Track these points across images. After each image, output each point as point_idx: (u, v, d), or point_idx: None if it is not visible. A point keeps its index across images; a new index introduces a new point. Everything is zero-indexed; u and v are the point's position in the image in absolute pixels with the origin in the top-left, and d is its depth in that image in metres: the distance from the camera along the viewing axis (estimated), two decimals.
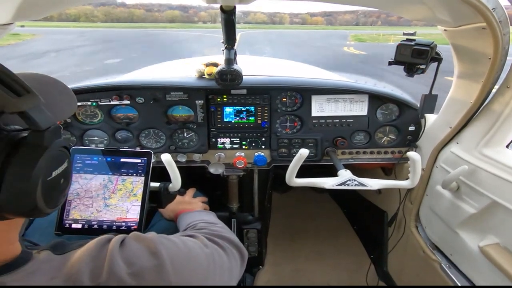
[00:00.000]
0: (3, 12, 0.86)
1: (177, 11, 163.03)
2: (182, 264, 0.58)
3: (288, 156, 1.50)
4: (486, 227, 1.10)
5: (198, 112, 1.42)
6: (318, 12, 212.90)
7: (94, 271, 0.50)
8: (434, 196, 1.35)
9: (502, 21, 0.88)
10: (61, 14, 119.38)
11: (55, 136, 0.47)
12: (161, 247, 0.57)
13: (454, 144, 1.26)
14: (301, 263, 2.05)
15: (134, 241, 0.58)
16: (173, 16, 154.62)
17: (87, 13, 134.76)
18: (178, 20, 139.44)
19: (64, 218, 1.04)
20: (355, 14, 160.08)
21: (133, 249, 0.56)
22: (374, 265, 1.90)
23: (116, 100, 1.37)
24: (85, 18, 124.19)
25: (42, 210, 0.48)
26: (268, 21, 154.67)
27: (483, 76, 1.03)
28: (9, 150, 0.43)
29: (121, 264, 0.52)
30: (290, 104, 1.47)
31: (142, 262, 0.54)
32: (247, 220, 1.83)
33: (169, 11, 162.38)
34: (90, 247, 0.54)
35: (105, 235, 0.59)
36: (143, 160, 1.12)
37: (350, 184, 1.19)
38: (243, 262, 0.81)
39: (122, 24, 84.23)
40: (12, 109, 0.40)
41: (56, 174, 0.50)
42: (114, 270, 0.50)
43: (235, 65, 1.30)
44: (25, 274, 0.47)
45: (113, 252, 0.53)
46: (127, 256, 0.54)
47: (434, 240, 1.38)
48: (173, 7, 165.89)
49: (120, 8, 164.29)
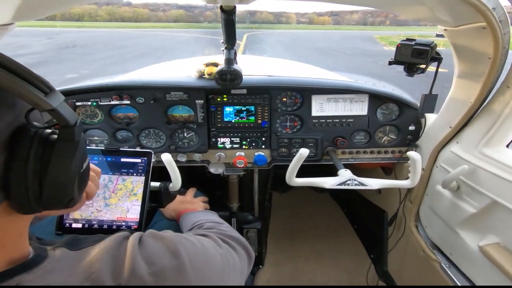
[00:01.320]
0: (3, 12, 0.86)
1: (182, 10, 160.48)
2: (200, 265, 0.58)
3: (288, 155, 1.50)
4: (486, 227, 1.10)
5: (198, 112, 1.42)
6: (324, 11, 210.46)
7: (115, 270, 0.49)
8: (434, 196, 1.35)
9: (502, 21, 0.87)
10: (65, 13, 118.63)
11: (81, 131, 0.49)
12: (181, 247, 0.57)
13: (454, 143, 1.26)
14: (301, 263, 2.05)
15: (153, 240, 0.58)
16: (178, 15, 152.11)
17: (91, 12, 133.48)
18: (182, 20, 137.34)
19: (64, 218, 1.04)
20: (362, 13, 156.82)
21: (153, 248, 0.55)
22: (374, 264, 1.90)
23: (116, 100, 1.37)
24: (89, 18, 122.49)
25: (75, 201, 0.52)
26: (274, 21, 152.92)
27: (483, 75, 1.03)
28: (44, 146, 0.45)
29: (142, 263, 0.51)
30: (290, 104, 1.47)
31: (163, 262, 0.53)
32: (247, 220, 1.83)
33: (173, 10, 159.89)
34: (109, 245, 0.53)
35: (121, 232, 0.58)
36: (144, 160, 1.13)
37: (350, 183, 1.19)
38: (251, 262, 0.81)
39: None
40: (44, 107, 0.42)
41: (85, 166, 0.53)
42: (136, 270, 0.50)
43: (235, 65, 1.30)
44: (43, 273, 0.47)
45: (133, 251, 0.52)
46: (148, 255, 0.53)
47: (434, 240, 1.38)
48: (178, 6, 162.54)
49: (125, 7, 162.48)
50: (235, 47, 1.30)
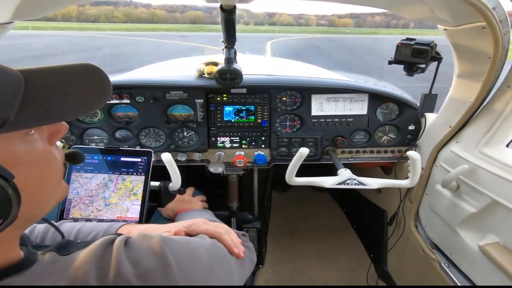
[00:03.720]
0: (3, 11, 0.86)
1: (199, 12, 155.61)
2: (187, 265, 0.58)
3: (288, 155, 1.50)
4: (486, 226, 1.11)
5: (198, 111, 1.42)
6: (344, 14, 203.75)
7: (101, 272, 0.50)
8: (434, 195, 1.35)
9: (502, 21, 0.87)
10: (81, 14, 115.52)
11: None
12: (166, 248, 0.57)
13: (454, 143, 1.26)
14: (301, 262, 2.05)
15: (139, 241, 0.58)
16: (195, 17, 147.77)
17: (106, 13, 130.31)
18: (199, 21, 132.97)
19: (64, 217, 1.04)
20: (385, 16, 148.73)
21: (138, 249, 0.56)
22: (374, 264, 1.90)
23: (116, 99, 1.37)
24: (105, 19, 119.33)
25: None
26: (293, 23, 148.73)
27: (483, 75, 1.03)
28: None
29: (128, 265, 0.52)
30: (290, 103, 1.47)
31: (148, 263, 0.54)
32: (247, 219, 1.83)
33: (191, 12, 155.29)
34: (95, 248, 0.54)
35: (109, 236, 0.58)
36: (144, 159, 1.13)
37: (349, 183, 1.19)
38: (251, 259, 0.83)
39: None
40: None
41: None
42: (121, 271, 0.50)
43: (235, 64, 1.30)
44: (32, 276, 0.47)
45: (118, 253, 0.53)
46: (133, 257, 0.54)
47: (434, 239, 1.38)
48: (197, 8, 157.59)
49: (141, 8, 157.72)
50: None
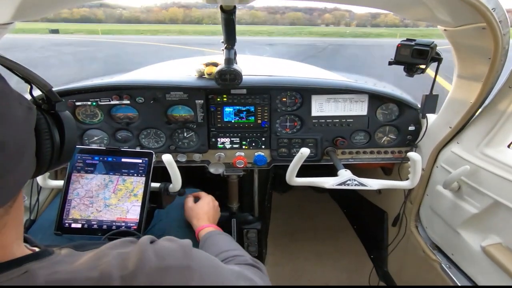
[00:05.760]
0: (3, 11, 0.86)
1: (300, 13, 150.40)
2: (208, 273, 0.57)
3: (288, 156, 1.50)
4: (488, 227, 1.10)
5: (198, 112, 1.42)
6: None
7: (122, 263, 0.50)
8: (435, 196, 1.35)
9: (502, 21, 0.87)
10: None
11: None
12: (194, 251, 0.58)
13: (455, 144, 1.26)
14: (301, 263, 2.05)
15: (167, 241, 0.58)
16: (295, 18, 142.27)
17: (210, 15, 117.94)
18: (299, 23, 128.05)
19: (64, 218, 1.04)
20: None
21: (165, 246, 0.56)
22: (374, 265, 1.89)
23: (116, 99, 1.37)
24: (208, 20, 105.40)
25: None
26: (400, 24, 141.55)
27: (483, 76, 1.03)
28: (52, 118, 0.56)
29: (152, 257, 0.51)
30: (290, 104, 1.47)
31: (173, 259, 0.53)
32: (247, 220, 1.82)
33: (291, 13, 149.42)
34: (115, 243, 0.55)
35: (129, 237, 0.59)
36: (144, 161, 1.12)
37: (350, 184, 1.19)
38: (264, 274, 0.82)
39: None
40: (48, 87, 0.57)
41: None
42: (144, 262, 0.50)
43: (235, 65, 1.30)
44: (51, 263, 0.48)
45: (144, 247, 0.53)
46: (159, 250, 0.53)
47: (435, 240, 1.38)
48: (297, 9, 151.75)
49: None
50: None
